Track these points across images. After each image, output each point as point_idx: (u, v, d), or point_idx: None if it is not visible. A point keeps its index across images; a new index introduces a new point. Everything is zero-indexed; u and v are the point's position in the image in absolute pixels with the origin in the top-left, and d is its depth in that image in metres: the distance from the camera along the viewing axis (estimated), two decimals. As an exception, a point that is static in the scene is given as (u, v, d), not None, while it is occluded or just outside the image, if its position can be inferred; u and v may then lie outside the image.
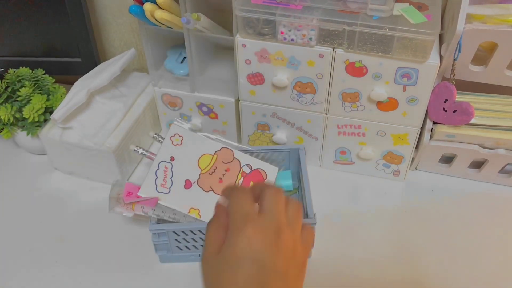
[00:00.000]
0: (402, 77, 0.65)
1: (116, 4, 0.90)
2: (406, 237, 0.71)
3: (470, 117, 0.68)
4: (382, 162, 0.78)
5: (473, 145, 0.73)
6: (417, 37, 0.60)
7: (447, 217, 0.74)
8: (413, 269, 0.67)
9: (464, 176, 0.79)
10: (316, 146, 0.79)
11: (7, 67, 0.87)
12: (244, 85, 0.73)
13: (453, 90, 0.67)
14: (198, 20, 0.67)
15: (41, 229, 0.73)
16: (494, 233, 0.72)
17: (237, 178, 0.70)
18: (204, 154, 0.71)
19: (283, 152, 0.76)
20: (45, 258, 0.70)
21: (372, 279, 0.66)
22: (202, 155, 0.70)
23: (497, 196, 0.77)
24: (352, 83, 0.68)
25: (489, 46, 0.66)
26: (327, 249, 0.69)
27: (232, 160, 0.71)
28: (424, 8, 0.64)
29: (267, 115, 0.77)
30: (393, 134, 0.73)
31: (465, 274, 0.66)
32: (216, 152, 0.71)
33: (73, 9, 0.82)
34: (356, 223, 0.73)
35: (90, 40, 0.87)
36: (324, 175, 0.81)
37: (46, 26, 0.85)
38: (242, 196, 0.39)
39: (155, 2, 0.66)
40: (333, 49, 0.65)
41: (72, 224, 0.74)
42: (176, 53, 0.81)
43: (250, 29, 0.66)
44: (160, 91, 0.81)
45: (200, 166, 0.69)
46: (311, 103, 0.72)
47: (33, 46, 0.89)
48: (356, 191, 0.79)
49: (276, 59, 0.68)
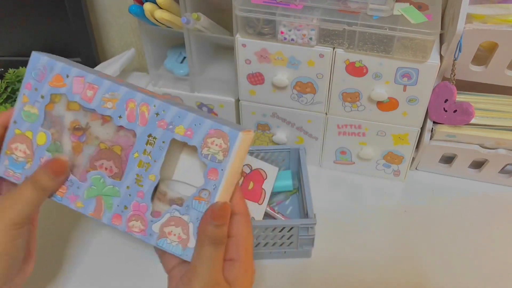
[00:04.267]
0: (402, 77, 0.65)
1: (116, 4, 0.90)
2: (406, 237, 0.71)
3: (470, 117, 0.68)
4: (383, 162, 0.78)
5: (474, 145, 0.73)
6: (417, 37, 0.60)
7: (447, 217, 0.74)
8: (413, 269, 0.67)
9: (464, 176, 0.79)
10: (316, 146, 0.79)
11: (7, 67, 0.87)
12: (244, 85, 0.73)
13: (454, 90, 0.67)
14: (198, 20, 0.67)
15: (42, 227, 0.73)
16: (494, 233, 0.71)
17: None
18: None
19: (283, 152, 0.76)
20: (45, 258, 0.69)
21: (372, 279, 0.65)
22: None
23: (497, 196, 0.77)
24: (352, 83, 0.68)
25: (489, 46, 0.66)
26: (327, 249, 0.69)
27: None
28: (424, 8, 0.64)
29: (267, 115, 0.77)
30: (393, 134, 0.73)
31: (465, 274, 0.66)
32: None
33: (73, 9, 0.83)
34: (356, 223, 0.73)
35: (90, 40, 0.87)
36: (324, 175, 0.81)
37: (46, 26, 0.85)
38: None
39: (155, 2, 0.66)
40: (333, 49, 0.65)
41: (72, 224, 0.74)
42: (176, 53, 0.81)
43: (250, 29, 0.66)
44: (160, 91, 0.81)
45: None
46: (311, 103, 0.72)
47: (33, 46, 0.88)
48: (356, 191, 0.79)
49: (276, 59, 0.68)
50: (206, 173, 0.42)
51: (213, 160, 0.42)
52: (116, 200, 0.45)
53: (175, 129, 0.43)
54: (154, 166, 0.44)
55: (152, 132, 0.44)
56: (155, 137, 0.44)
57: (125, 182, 0.45)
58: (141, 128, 0.44)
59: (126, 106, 0.44)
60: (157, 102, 0.44)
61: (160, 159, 0.44)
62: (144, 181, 0.44)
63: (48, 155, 0.46)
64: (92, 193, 0.46)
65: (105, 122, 0.46)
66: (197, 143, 0.42)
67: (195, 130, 0.43)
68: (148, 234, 0.44)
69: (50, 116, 0.47)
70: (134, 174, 0.44)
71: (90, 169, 0.46)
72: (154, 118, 0.44)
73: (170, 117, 0.43)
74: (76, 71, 0.45)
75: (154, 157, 0.44)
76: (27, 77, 0.46)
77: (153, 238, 0.44)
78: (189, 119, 0.43)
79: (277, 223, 0.64)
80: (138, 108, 0.44)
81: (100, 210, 0.46)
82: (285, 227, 0.63)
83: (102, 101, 0.45)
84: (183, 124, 0.43)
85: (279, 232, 0.63)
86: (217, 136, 0.42)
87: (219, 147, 0.42)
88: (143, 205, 0.44)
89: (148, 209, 0.44)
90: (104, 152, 0.46)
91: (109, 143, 0.46)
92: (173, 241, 0.44)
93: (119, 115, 0.44)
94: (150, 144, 0.44)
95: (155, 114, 0.43)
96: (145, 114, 0.44)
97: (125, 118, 0.44)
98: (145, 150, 0.44)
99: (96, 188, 0.46)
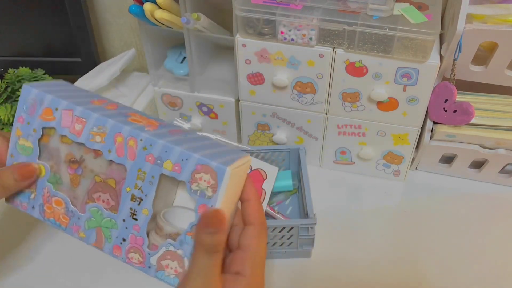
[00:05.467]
0: (402, 77, 0.65)
1: (116, 4, 0.90)
2: (406, 237, 0.71)
3: (470, 117, 0.68)
4: (382, 162, 0.78)
5: (473, 145, 0.73)
6: (417, 37, 0.60)
7: (447, 217, 0.74)
8: (413, 269, 0.67)
9: (464, 176, 0.79)
10: (316, 146, 0.79)
11: (7, 67, 0.87)
12: (244, 85, 0.73)
13: (454, 90, 0.67)
14: (198, 20, 0.67)
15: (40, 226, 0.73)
16: (494, 233, 0.71)
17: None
18: None
19: (283, 152, 0.76)
20: (43, 259, 0.69)
21: (372, 279, 0.65)
22: None
23: (497, 196, 0.77)
24: (352, 83, 0.68)
25: (490, 46, 0.66)
26: (327, 249, 0.69)
27: None
28: (424, 8, 0.64)
29: (267, 115, 0.77)
30: (394, 134, 0.73)
31: (465, 274, 0.66)
32: None
33: (73, 9, 0.83)
34: (356, 223, 0.73)
35: (90, 40, 0.87)
36: (324, 175, 0.81)
37: (46, 26, 0.86)
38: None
39: (155, 2, 0.66)
40: (333, 49, 0.65)
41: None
42: (176, 53, 0.81)
43: (250, 29, 0.66)
44: (160, 91, 0.81)
45: None
46: (311, 103, 0.72)
47: (33, 46, 0.89)
48: (356, 191, 0.79)
49: (276, 59, 0.68)
50: (197, 208, 0.42)
51: (202, 196, 0.41)
52: (114, 232, 0.45)
53: (163, 164, 0.42)
54: (146, 201, 0.43)
55: (141, 166, 0.43)
56: (145, 171, 0.43)
57: (121, 215, 0.45)
58: (130, 162, 0.44)
59: (114, 140, 0.44)
60: (144, 136, 0.43)
61: (151, 193, 0.43)
62: (138, 215, 0.44)
63: (49, 186, 0.47)
64: (92, 225, 0.46)
65: (97, 155, 0.46)
66: (185, 179, 0.41)
67: (183, 165, 0.42)
68: (147, 266, 0.45)
69: (47, 149, 0.47)
70: (128, 208, 0.44)
71: (89, 201, 0.46)
72: (142, 152, 0.43)
73: (157, 151, 0.43)
74: (65, 104, 0.45)
75: (145, 191, 0.43)
76: (18, 110, 0.47)
77: (152, 270, 0.45)
78: (176, 154, 0.42)
79: (277, 223, 0.64)
80: (126, 142, 0.44)
81: (101, 241, 0.46)
82: (285, 227, 0.63)
83: (90, 134, 0.45)
84: (171, 159, 0.42)
85: (279, 232, 0.63)
86: (204, 172, 0.41)
87: (208, 183, 0.41)
88: (140, 238, 0.45)
89: (145, 242, 0.44)
90: (100, 185, 0.46)
91: (103, 176, 0.46)
92: (171, 274, 0.44)
93: (109, 149, 0.44)
94: (140, 179, 0.43)
95: (142, 148, 0.43)
96: (133, 148, 0.43)
97: (115, 152, 0.44)
98: (136, 185, 0.44)
99: (95, 219, 0.46)
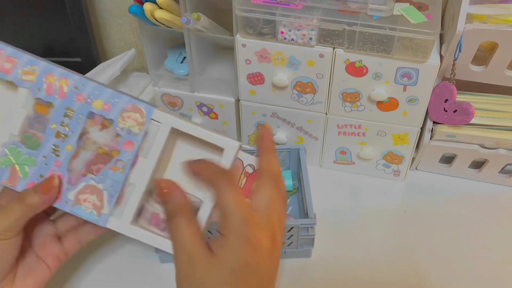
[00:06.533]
0: (402, 77, 0.65)
1: (116, 4, 0.90)
2: (406, 237, 0.71)
3: (470, 117, 0.68)
4: (382, 162, 0.78)
5: (474, 145, 0.73)
6: (417, 37, 0.60)
7: (447, 217, 0.74)
8: (413, 269, 0.67)
9: (464, 176, 0.79)
10: (316, 146, 0.79)
11: (7, 67, 0.87)
12: (244, 85, 0.73)
13: (454, 90, 0.67)
14: (198, 20, 0.67)
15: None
16: (494, 233, 0.71)
17: (240, 178, 0.70)
18: None
19: (283, 152, 0.76)
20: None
21: (372, 279, 0.65)
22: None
23: (497, 196, 0.77)
24: (352, 83, 0.68)
25: (490, 46, 0.66)
26: (327, 249, 0.69)
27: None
28: (424, 8, 0.64)
29: (267, 115, 0.77)
30: (394, 134, 0.73)
31: (465, 274, 0.66)
32: None
33: (73, 9, 0.83)
34: (356, 223, 0.73)
35: (90, 40, 0.87)
36: (324, 175, 0.81)
37: (46, 26, 0.86)
38: (237, 192, 0.38)
39: (155, 2, 0.66)
40: (333, 49, 0.65)
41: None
42: (176, 53, 0.81)
43: (250, 29, 0.66)
44: (160, 91, 0.81)
45: None
46: (311, 103, 0.72)
47: (33, 46, 0.89)
48: (356, 191, 0.79)
49: (276, 59, 0.68)
50: (122, 144, 0.45)
51: (129, 133, 0.45)
52: (32, 169, 0.47)
53: (93, 103, 0.46)
54: (71, 137, 0.46)
55: (70, 105, 0.46)
56: (73, 109, 0.46)
57: (42, 151, 0.47)
58: (59, 100, 0.46)
59: (45, 79, 0.47)
60: (76, 77, 0.46)
61: (77, 131, 0.46)
62: (61, 151, 0.47)
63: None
64: (6, 163, 0.48)
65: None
66: (114, 117, 0.45)
67: (113, 104, 0.45)
68: (63, 202, 0.47)
69: None
70: (51, 145, 0.47)
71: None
72: (72, 92, 0.46)
73: (88, 91, 0.46)
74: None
75: (71, 129, 0.46)
76: None
77: (68, 205, 0.47)
78: (107, 94, 0.46)
79: (277, 223, 0.64)
80: (57, 82, 0.46)
81: (15, 179, 0.48)
82: (285, 227, 0.63)
83: (20, 73, 0.47)
84: (101, 99, 0.46)
85: (279, 232, 0.63)
86: (133, 111, 0.45)
87: (135, 122, 0.45)
88: (60, 174, 0.47)
89: (64, 177, 0.47)
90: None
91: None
92: (88, 208, 0.47)
93: (38, 87, 0.47)
94: (67, 117, 0.46)
95: (73, 88, 0.46)
96: (63, 88, 0.46)
97: (44, 91, 0.47)
98: (62, 122, 0.46)
99: (12, 157, 0.48)
